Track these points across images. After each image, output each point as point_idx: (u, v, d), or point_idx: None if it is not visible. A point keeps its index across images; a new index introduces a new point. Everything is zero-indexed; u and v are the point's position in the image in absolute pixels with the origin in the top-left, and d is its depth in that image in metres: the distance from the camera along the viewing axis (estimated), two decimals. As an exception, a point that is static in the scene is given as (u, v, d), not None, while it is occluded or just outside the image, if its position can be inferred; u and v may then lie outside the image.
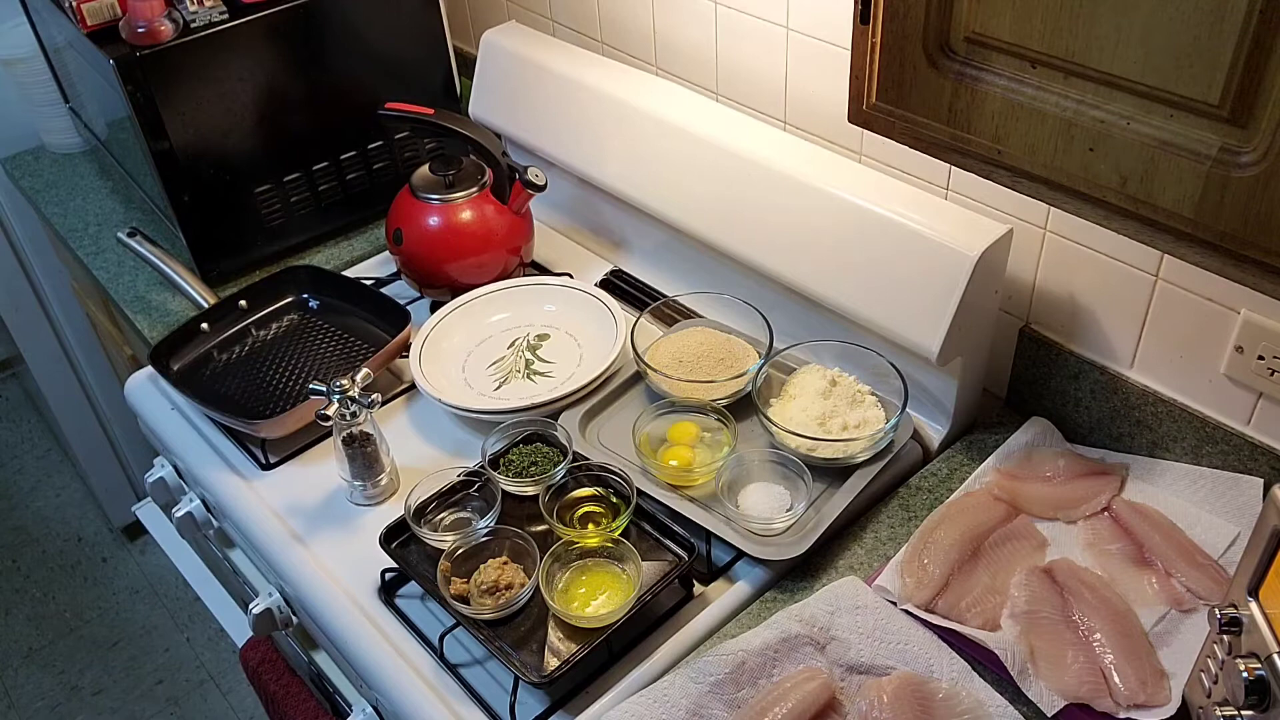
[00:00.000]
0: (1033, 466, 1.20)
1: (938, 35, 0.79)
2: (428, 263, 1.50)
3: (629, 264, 1.61)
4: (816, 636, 1.04)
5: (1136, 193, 0.73)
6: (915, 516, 1.19)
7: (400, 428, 1.36)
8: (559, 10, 1.71)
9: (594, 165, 1.52)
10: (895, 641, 1.03)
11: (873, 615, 1.05)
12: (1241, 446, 1.11)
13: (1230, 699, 0.84)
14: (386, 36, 1.66)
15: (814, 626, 1.04)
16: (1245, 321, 1.06)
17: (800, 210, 1.27)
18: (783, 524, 1.14)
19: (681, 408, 1.28)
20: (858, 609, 1.05)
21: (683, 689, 0.99)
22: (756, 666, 1.01)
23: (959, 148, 0.83)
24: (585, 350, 1.43)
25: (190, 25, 1.48)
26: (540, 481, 1.19)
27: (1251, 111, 0.65)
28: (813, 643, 1.03)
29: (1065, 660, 0.99)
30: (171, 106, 1.49)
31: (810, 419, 1.22)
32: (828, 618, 1.05)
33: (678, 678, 1.01)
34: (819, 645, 1.03)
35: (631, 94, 1.46)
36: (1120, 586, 1.06)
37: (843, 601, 1.06)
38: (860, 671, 1.02)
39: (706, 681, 0.99)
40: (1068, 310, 1.22)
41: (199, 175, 1.55)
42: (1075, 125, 0.74)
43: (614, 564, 1.12)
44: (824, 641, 1.03)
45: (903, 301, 1.18)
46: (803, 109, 1.39)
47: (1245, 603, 0.83)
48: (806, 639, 1.03)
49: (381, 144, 1.73)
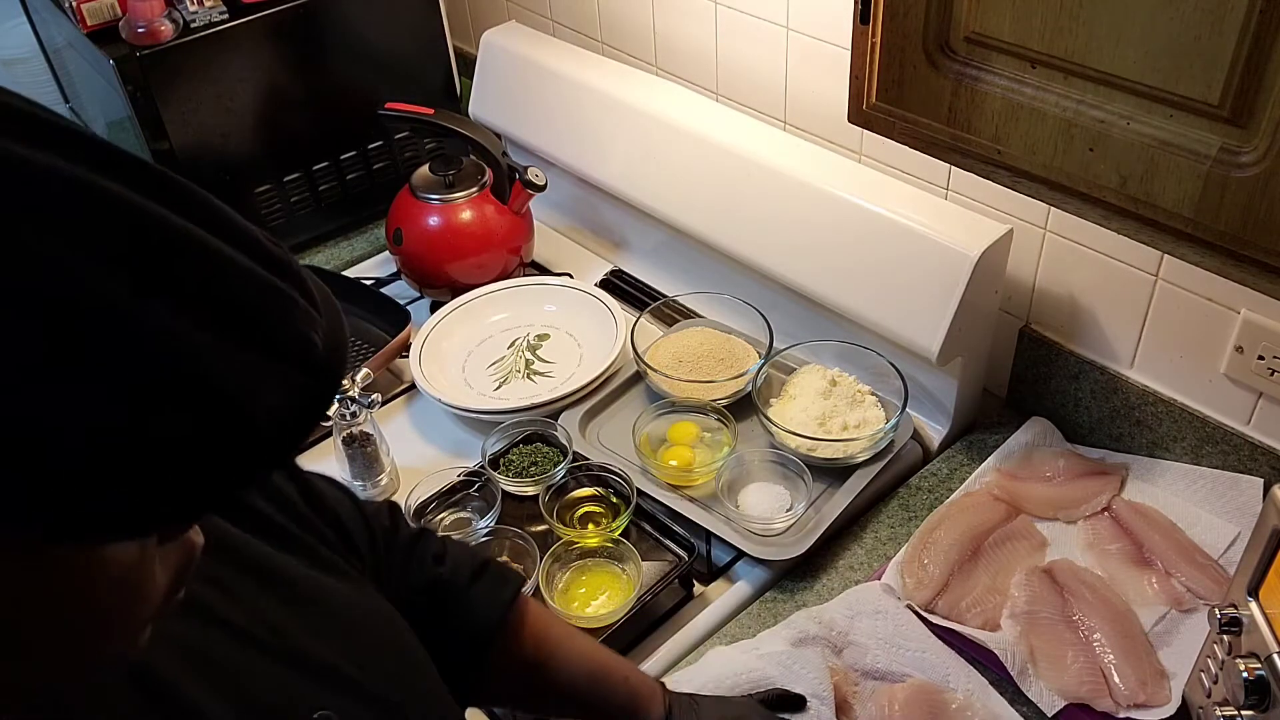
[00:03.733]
0: (1033, 466, 1.20)
1: (938, 35, 0.79)
2: (428, 263, 1.50)
3: (629, 264, 1.61)
4: (834, 639, 1.03)
5: (1136, 193, 0.73)
6: (915, 516, 1.19)
7: (400, 428, 1.36)
8: (559, 10, 1.71)
9: (594, 165, 1.52)
10: (913, 650, 1.02)
11: (892, 621, 1.04)
12: (1241, 446, 1.11)
13: (1230, 699, 0.84)
14: (386, 36, 1.66)
15: (832, 630, 1.03)
16: (1245, 321, 1.06)
17: (800, 210, 1.27)
18: (783, 524, 1.14)
19: (681, 408, 1.28)
20: (878, 614, 1.04)
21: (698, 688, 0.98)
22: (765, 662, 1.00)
23: (959, 148, 0.83)
24: (585, 350, 1.43)
25: (190, 25, 1.48)
26: (540, 481, 1.19)
27: (1251, 111, 0.65)
28: (829, 645, 1.03)
29: (1065, 660, 0.99)
30: (171, 106, 1.49)
31: (810, 419, 1.22)
32: (847, 621, 1.04)
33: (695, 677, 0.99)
34: (835, 649, 1.03)
35: (631, 94, 1.46)
36: (1120, 586, 1.06)
37: (863, 606, 1.05)
38: (875, 677, 1.01)
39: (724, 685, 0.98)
40: (1068, 310, 1.22)
41: (199, 175, 1.55)
42: (1075, 125, 0.74)
43: (614, 564, 1.12)
44: (841, 645, 1.03)
45: (903, 301, 1.18)
46: (803, 109, 1.39)
47: (1245, 603, 0.83)
48: (823, 640, 1.02)
49: (381, 144, 1.73)
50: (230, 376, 0.39)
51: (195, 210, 0.41)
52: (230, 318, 0.39)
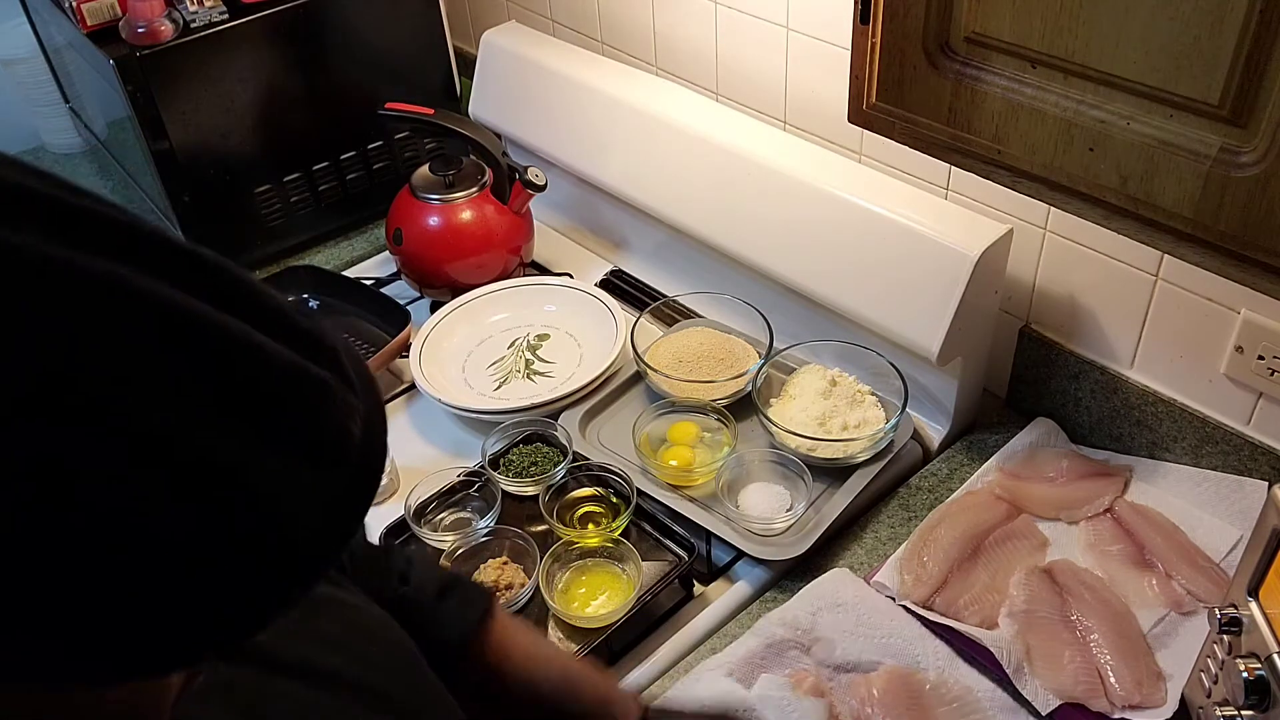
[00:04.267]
0: (1036, 466, 1.20)
1: (938, 35, 0.79)
2: (428, 263, 1.50)
3: (629, 264, 1.61)
4: (801, 639, 1.03)
5: (1136, 193, 0.73)
6: (915, 516, 1.19)
7: (400, 428, 1.36)
8: (559, 10, 1.71)
9: (594, 165, 1.52)
10: (879, 636, 1.03)
11: (854, 612, 1.04)
12: (1241, 446, 1.11)
13: (1230, 699, 0.84)
14: (386, 36, 1.66)
15: (797, 629, 1.03)
16: (1245, 321, 1.06)
17: (800, 210, 1.27)
18: (783, 524, 1.14)
19: (681, 408, 1.28)
20: (838, 606, 1.05)
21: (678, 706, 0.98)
22: (744, 677, 1.00)
23: (959, 148, 0.83)
24: (585, 350, 1.43)
25: (190, 25, 1.48)
26: (540, 481, 1.19)
27: (1251, 111, 0.65)
28: (798, 645, 1.03)
29: (1061, 660, 0.99)
30: (171, 106, 1.49)
31: (810, 419, 1.22)
32: (810, 619, 1.04)
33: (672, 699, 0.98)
34: (804, 647, 1.03)
35: (631, 94, 1.46)
36: (1120, 588, 1.06)
37: (823, 600, 1.06)
38: (847, 670, 1.01)
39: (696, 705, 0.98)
40: (1068, 310, 1.22)
41: (199, 175, 1.55)
42: (1075, 125, 0.74)
43: (614, 564, 1.12)
44: (809, 643, 1.03)
45: (903, 301, 1.18)
46: (803, 109, 1.39)
47: (1245, 603, 0.83)
48: (792, 643, 1.02)
49: (381, 144, 1.73)
50: (259, 484, 0.35)
51: (224, 291, 0.36)
52: (259, 417, 0.35)
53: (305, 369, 0.37)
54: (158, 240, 0.36)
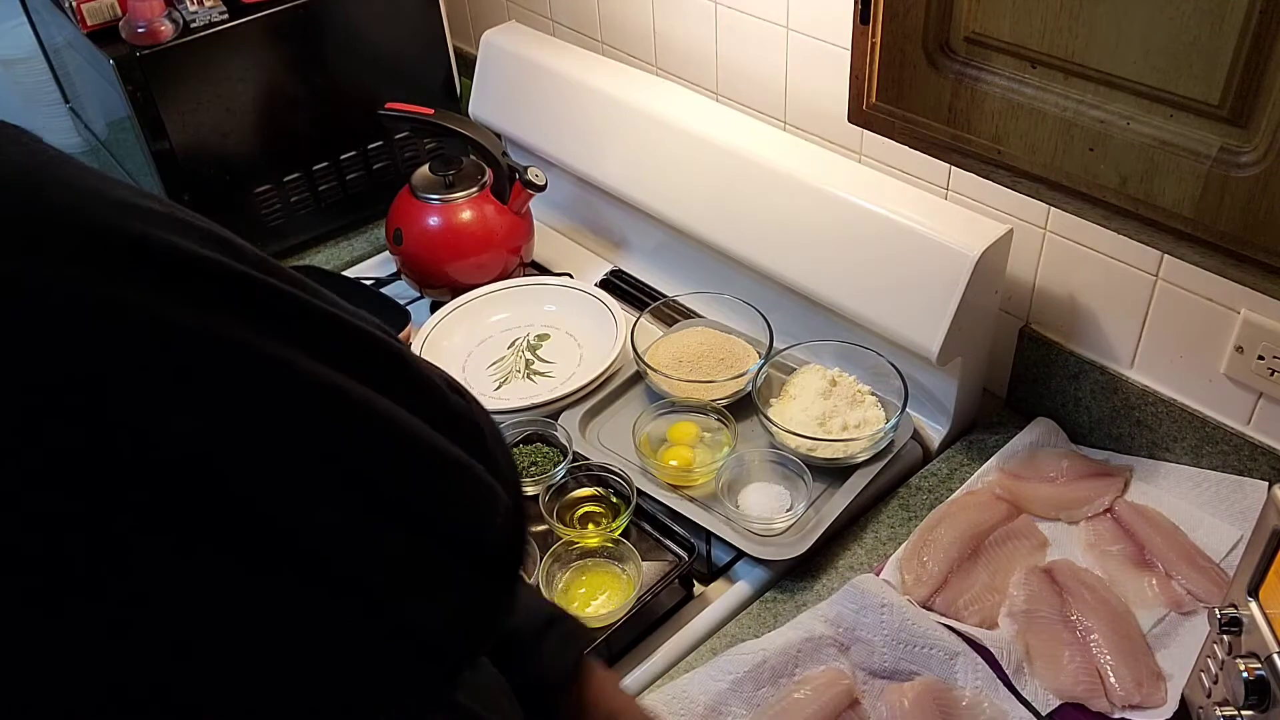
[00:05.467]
0: (1037, 466, 1.20)
1: (937, 35, 0.79)
2: (428, 263, 1.50)
3: (629, 264, 1.61)
4: (841, 638, 1.03)
5: (1136, 193, 0.73)
6: (915, 516, 1.19)
7: (400, 428, 1.36)
8: (559, 10, 1.71)
9: (594, 165, 1.52)
10: (919, 645, 1.01)
11: (898, 616, 1.03)
12: (1241, 446, 1.11)
13: (1230, 699, 0.84)
14: (386, 36, 1.66)
15: (839, 627, 1.03)
16: (1245, 321, 1.06)
17: (800, 210, 1.27)
18: (783, 524, 1.14)
19: (681, 408, 1.28)
20: (883, 607, 1.04)
21: (701, 686, 0.98)
22: (778, 666, 1.00)
23: (959, 148, 0.83)
24: (585, 350, 1.43)
25: (190, 25, 1.48)
26: (540, 481, 1.19)
27: (1251, 111, 0.65)
28: (836, 644, 1.02)
29: (1061, 660, 0.99)
30: (171, 106, 1.49)
31: (810, 419, 1.22)
32: (853, 617, 1.03)
33: (697, 675, 1.00)
34: (842, 647, 1.03)
35: (631, 94, 1.46)
36: (1120, 588, 1.06)
37: (868, 599, 1.05)
38: (883, 676, 1.01)
39: (726, 679, 0.98)
40: (1068, 310, 1.22)
41: (199, 175, 1.55)
42: (1075, 125, 0.74)
43: (614, 564, 1.12)
44: (848, 643, 1.03)
45: (903, 301, 1.18)
46: (803, 109, 1.39)
47: (1245, 603, 0.83)
48: (830, 640, 1.02)
49: (381, 144, 1.73)
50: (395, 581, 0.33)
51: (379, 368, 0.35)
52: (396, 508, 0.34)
53: (445, 451, 0.36)
54: (326, 318, 0.37)
